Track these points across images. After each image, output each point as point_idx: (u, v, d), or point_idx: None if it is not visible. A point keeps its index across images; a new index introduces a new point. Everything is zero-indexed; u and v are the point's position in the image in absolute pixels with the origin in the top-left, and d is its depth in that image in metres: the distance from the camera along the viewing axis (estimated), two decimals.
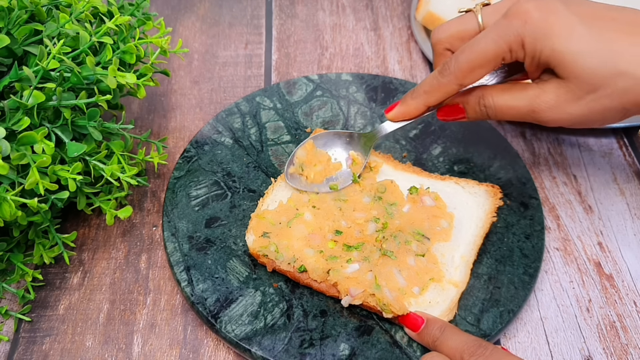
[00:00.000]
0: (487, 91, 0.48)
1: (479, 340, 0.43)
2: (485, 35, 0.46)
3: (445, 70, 0.48)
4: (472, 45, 0.46)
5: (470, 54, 0.46)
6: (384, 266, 0.50)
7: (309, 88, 0.68)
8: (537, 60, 0.45)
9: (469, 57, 0.46)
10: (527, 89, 0.47)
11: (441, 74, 0.48)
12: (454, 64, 0.47)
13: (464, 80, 0.47)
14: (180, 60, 0.76)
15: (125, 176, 0.51)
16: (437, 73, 0.48)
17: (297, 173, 0.57)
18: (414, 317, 0.47)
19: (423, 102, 0.50)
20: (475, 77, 0.47)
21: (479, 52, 0.45)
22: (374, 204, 0.55)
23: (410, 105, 0.51)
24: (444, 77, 0.48)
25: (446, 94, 0.49)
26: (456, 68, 0.47)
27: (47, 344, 0.50)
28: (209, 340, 0.51)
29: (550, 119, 0.46)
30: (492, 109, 0.48)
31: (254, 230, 0.53)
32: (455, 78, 0.47)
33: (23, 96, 0.46)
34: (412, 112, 0.52)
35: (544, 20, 0.43)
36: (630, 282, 0.55)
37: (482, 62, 0.46)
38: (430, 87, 0.49)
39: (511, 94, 0.47)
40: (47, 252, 0.52)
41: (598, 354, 0.50)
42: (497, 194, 0.56)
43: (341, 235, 0.52)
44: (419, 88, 0.50)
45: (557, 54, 0.43)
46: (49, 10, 0.53)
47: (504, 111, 0.48)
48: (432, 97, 0.50)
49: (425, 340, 0.46)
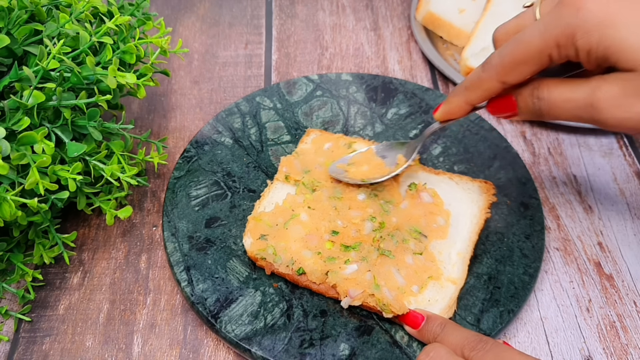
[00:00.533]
0: (543, 82, 0.43)
1: (479, 335, 0.43)
2: (532, 27, 0.41)
3: (487, 65, 0.44)
4: (517, 38, 0.41)
5: (513, 47, 0.42)
6: (382, 266, 0.50)
7: (309, 88, 0.68)
8: (594, 56, 0.39)
9: (512, 51, 0.42)
10: (588, 80, 0.40)
11: (483, 69, 0.44)
12: (497, 57, 0.43)
13: (506, 77, 0.43)
14: (180, 60, 0.76)
15: (125, 176, 0.51)
16: (480, 67, 0.45)
17: (343, 168, 0.57)
18: (414, 315, 0.47)
19: (464, 99, 0.47)
20: (519, 75, 0.43)
21: (522, 46, 0.41)
22: (369, 202, 0.54)
23: (452, 103, 0.48)
24: (485, 72, 0.44)
25: (488, 91, 0.45)
26: (498, 62, 0.43)
27: (47, 344, 0.50)
28: (209, 340, 0.51)
29: (611, 117, 0.39)
30: (547, 101, 0.42)
31: (251, 233, 0.53)
32: (496, 74, 0.43)
33: (23, 96, 0.47)
34: (455, 110, 0.48)
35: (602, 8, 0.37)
36: (630, 282, 0.55)
37: (526, 58, 0.41)
38: (471, 82, 0.45)
39: (570, 86, 0.41)
40: (47, 252, 0.52)
41: (598, 354, 0.50)
42: (491, 190, 0.56)
43: (338, 236, 0.52)
44: (461, 84, 0.47)
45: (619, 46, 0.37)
46: (49, 10, 0.53)
47: (559, 105, 0.42)
48: (473, 93, 0.46)
49: (426, 337, 0.46)
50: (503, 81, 0.43)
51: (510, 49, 0.42)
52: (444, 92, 0.72)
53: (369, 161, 0.58)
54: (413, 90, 0.68)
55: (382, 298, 0.47)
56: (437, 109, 0.50)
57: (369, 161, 0.58)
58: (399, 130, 0.64)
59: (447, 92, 0.72)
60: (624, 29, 0.37)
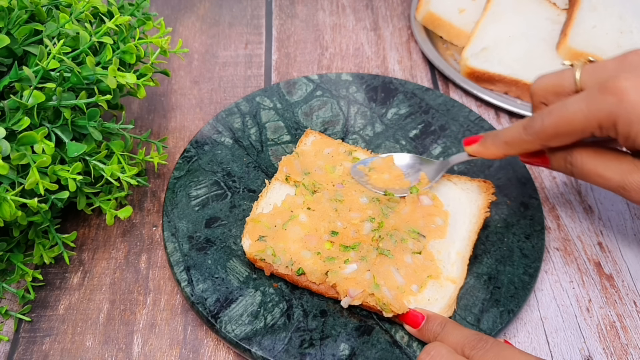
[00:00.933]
0: (577, 150, 0.46)
1: (479, 334, 0.43)
2: (575, 104, 0.43)
3: (530, 128, 0.46)
4: (561, 110, 0.43)
5: (557, 119, 0.44)
6: (382, 265, 0.50)
7: (309, 88, 0.68)
8: (631, 143, 0.42)
9: (555, 122, 0.44)
10: (621, 160, 0.44)
11: (525, 131, 0.46)
12: (540, 124, 0.45)
13: (548, 143, 0.46)
14: (180, 60, 0.76)
15: (125, 176, 0.51)
16: (522, 128, 0.47)
17: (364, 172, 0.58)
18: (414, 314, 0.47)
19: (503, 151, 0.49)
20: (559, 143, 0.45)
21: (566, 120, 0.43)
22: (370, 205, 0.55)
23: (489, 149, 0.50)
24: (528, 135, 0.46)
25: (528, 150, 0.48)
26: (541, 129, 0.45)
27: (47, 344, 0.50)
28: (209, 340, 0.51)
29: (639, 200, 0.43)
30: (579, 170, 0.46)
31: (250, 235, 0.52)
32: (538, 139, 0.46)
33: (23, 96, 0.47)
34: (489, 155, 0.51)
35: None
36: (630, 282, 0.55)
37: (569, 131, 0.43)
38: (513, 140, 0.48)
39: (603, 162, 0.45)
40: (47, 252, 0.52)
41: (598, 354, 0.50)
42: (490, 189, 0.56)
43: (337, 236, 0.52)
44: (502, 136, 0.49)
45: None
46: (49, 10, 0.53)
47: (591, 177, 0.45)
48: (512, 149, 0.49)
49: (426, 336, 0.46)
50: (544, 145, 0.46)
51: (553, 120, 0.44)
52: (444, 92, 0.72)
53: (390, 170, 0.58)
54: (413, 90, 0.68)
55: (382, 297, 0.47)
56: (469, 142, 0.52)
57: (389, 169, 0.58)
58: (399, 130, 0.64)
59: (447, 92, 0.72)
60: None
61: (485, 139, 0.51)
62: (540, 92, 0.48)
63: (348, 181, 0.57)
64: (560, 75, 0.46)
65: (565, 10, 0.74)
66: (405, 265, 0.50)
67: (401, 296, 0.48)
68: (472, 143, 0.52)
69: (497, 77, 0.70)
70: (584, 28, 0.70)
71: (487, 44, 0.72)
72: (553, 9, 0.75)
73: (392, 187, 0.56)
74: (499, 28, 0.73)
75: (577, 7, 0.71)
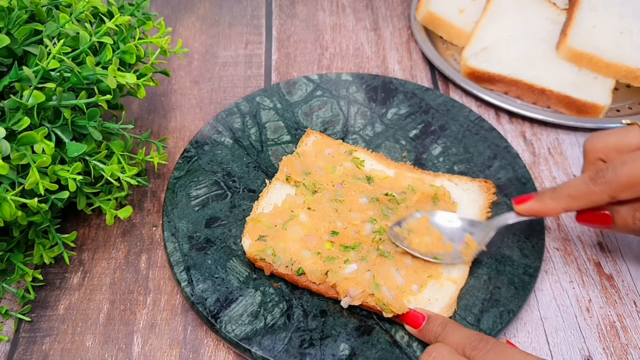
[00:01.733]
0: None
1: (480, 334, 0.43)
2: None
3: (599, 179, 0.44)
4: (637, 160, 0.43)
5: (634, 167, 0.43)
6: (382, 265, 0.50)
7: (309, 88, 0.68)
8: None
9: (632, 172, 0.43)
10: None
11: (593, 182, 0.45)
12: (612, 174, 0.44)
13: (619, 195, 0.44)
14: (180, 60, 0.76)
15: (125, 176, 0.51)
16: (589, 179, 0.45)
17: (403, 235, 0.52)
18: (415, 314, 0.47)
19: (565, 205, 0.47)
20: (632, 194, 0.44)
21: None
22: (370, 205, 0.54)
23: (548, 205, 0.48)
24: (597, 186, 0.44)
25: (593, 203, 0.46)
26: (613, 179, 0.44)
27: (47, 344, 0.50)
28: (209, 340, 0.51)
29: None
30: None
31: (250, 234, 0.52)
32: (609, 189, 0.44)
33: (23, 96, 0.47)
34: (547, 212, 0.48)
35: None
36: (630, 282, 0.55)
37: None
38: (578, 192, 0.46)
39: None
40: (47, 252, 0.52)
41: (598, 354, 0.50)
42: (491, 189, 0.56)
43: (337, 236, 0.52)
44: (563, 190, 0.47)
45: None
46: (49, 10, 0.53)
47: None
48: (577, 202, 0.46)
49: (427, 337, 0.46)
50: (614, 197, 0.44)
51: (629, 169, 0.43)
52: (443, 92, 0.72)
53: (429, 231, 0.52)
54: (413, 90, 0.68)
55: (382, 297, 0.47)
56: (521, 201, 0.49)
57: (428, 231, 0.52)
58: (399, 130, 0.64)
59: (447, 92, 0.72)
60: None
61: (543, 195, 0.48)
62: (600, 148, 0.47)
63: (348, 181, 0.57)
64: (624, 133, 0.46)
65: (565, 10, 0.74)
66: (405, 266, 0.50)
67: (401, 296, 0.48)
68: (524, 202, 0.49)
69: (497, 77, 0.70)
70: (584, 28, 0.70)
71: (487, 44, 0.72)
72: (553, 9, 0.75)
73: (436, 251, 0.51)
74: (499, 28, 0.73)
75: (577, 7, 0.71)
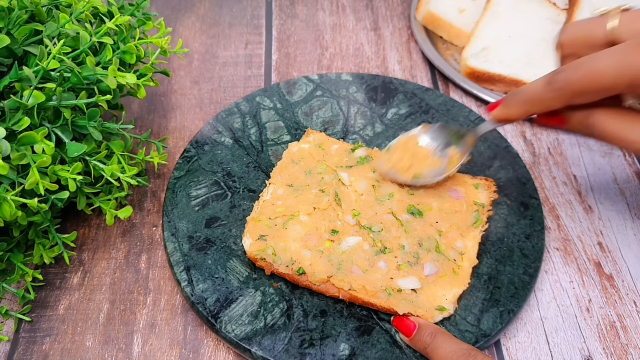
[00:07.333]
0: (599, 110, 0.43)
1: (468, 349, 0.43)
2: (607, 59, 0.40)
3: (553, 84, 0.43)
4: (590, 65, 0.40)
5: (584, 74, 0.41)
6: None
7: (309, 88, 0.68)
8: None
9: (582, 79, 0.41)
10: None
11: (549, 86, 0.43)
12: (565, 79, 0.42)
13: (572, 101, 0.43)
14: (180, 60, 0.76)
15: (125, 176, 0.51)
16: (545, 84, 0.43)
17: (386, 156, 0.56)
18: (407, 322, 0.47)
19: (524, 110, 0.47)
20: (584, 101, 0.42)
21: (594, 77, 0.40)
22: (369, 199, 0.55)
23: (512, 111, 0.48)
24: (551, 92, 0.43)
25: (550, 109, 0.45)
26: (566, 84, 0.42)
27: (47, 344, 0.50)
28: (209, 340, 0.51)
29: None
30: (600, 131, 0.43)
31: (250, 234, 0.53)
32: (562, 95, 0.43)
33: (23, 96, 0.47)
34: (512, 116, 0.48)
35: None
36: (630, 282, 0.55)
37: (596, 89, 0.41)
38: (535, 97, 0.45)
39: (625, 123, 0.42)
40: (47, 252, 0.52)
41: (598, 354, 0.50)
42: (491, 187, 0.56)
43: (337, 235, 0.52)
44: (523, 94, 0.46)
45: None
46: (49, 10, 0.53)
47: (611, 138, 0.43)
48: (535, 107, 0.46)
49: (417, 346, 0.46)
50: (567, 103, 0.43)
51: (580, 76, 0.41)
52: (444, 92, 0.72)
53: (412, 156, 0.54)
54: (413, 90, 0.68)
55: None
56: (492, 107, 0.49)
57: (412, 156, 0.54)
58: (399, 130, 0.64)
59: (447, 92, 0.72)
60: None
61: (508, 100, 0.48)
62: (568, 43, 0.45)
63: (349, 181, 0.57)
64: (592, 25, 0.43)
65: (565, 10, 0.74)
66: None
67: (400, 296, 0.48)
68: (494, 107, 0.49)
69: (497, 77, 0.70)
70: None
71: (487, 44, 0.72)
72: (553, 9, 0.75)
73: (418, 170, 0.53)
74: (499, 28, 0.73)
75: (577, 7, 0.71)
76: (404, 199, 0.54)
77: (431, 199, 0.54)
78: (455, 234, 0.52)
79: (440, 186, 0.55)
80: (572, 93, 0.42)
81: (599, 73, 0.40)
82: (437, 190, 0.55)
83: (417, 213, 0.53)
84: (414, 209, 0.54)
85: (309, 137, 0.61)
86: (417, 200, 0.54)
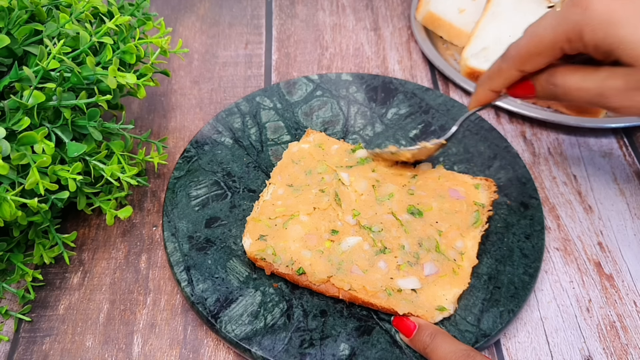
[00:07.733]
0: (558, 70, 0.46)
1: (467, 349, 0.43)
2: (544, 20, 0.45)
3: (505, 56, 0.48)
4: (532, 31, 0.45)
5: (528, 40, 0.45)
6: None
7: (309, 88, 0.68)
8: (601, 51, 0.43)
9: (527, 43, 0.46)
10: (598, 70, 0.44)
11: (502, 59, 0.48)
12: (513, 46, 0.47)
13: (524, 67, 0.47)
14: (180, 60, 0.76)
15: (125, 176, 0.51)
16: (500, 58, 0.49)
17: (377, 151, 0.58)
18: (407, 323, 0.47)
19: (488, 87, 0.51)
20: (534, 64, 0.46)
21: (536, 39, 0.45)
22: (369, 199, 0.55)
23: (479, 93, 0.52)
24: (504, 63, 0.48)
25: (508, 79, 0.49)
26: (515, 53, 0.47)
27: (47, 344, 0.50)
28: (209, 340, 0.51)
29: (619, 106, 0.44)
30: (562, 88, 0.46)
31: (251, 234, 0.53)
32: (514, 64, 0.47)
33: (23, 96, 0.47)
34: (482, 98, 0.52)
35: (605, 7, 0.41)
36: (630, 282, 0.55)
37: (540, 50, 0.45)
38: (493, 72, 0.50)
39: (581, 75, 0.45)
40: (47, 252, 0.52)
41: (598, 354, 0.50)
42: (492, 187, 0.56)
43: (337, 235, 0.52)
44: (484, 75, 0.51)
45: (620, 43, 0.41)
46: (49, 10, 0.53)
47: (573, 92, 0.46)
48: (495, 82, 0.50)
49: (417, 346, 0.46)
50: (521, 70, 0.47)
51: (525, 42, 0.46)
52: (444, 92, 0.72)
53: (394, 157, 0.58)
54: (413, 90, 0.68)
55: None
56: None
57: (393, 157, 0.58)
58: (399, 130, 0.64)
59: (447, 92, 0.72)
60: (625, 27, 0.41)
61: (477, 84, 0.52)
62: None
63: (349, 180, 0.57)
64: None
65: None
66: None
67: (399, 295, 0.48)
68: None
69: None
70: None
71: (487, 44, 0.72)
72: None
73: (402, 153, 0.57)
74: (499, 28, 0.73)
75: None
76: (404, 199, 0.55)
77: (431, 199, 0.55)
78: (455, 234, 0.52)
79: (440, 186, 0.56)
80: (521, 58, 0.46)
81: (539, 33, 0.44)
82: (437, 190, 0.55)
83: (417, 213, 0.53)
84: (414, 209, 0.54)
85: (309, 137, 0.61)
86: (417, 200, 0.54)
